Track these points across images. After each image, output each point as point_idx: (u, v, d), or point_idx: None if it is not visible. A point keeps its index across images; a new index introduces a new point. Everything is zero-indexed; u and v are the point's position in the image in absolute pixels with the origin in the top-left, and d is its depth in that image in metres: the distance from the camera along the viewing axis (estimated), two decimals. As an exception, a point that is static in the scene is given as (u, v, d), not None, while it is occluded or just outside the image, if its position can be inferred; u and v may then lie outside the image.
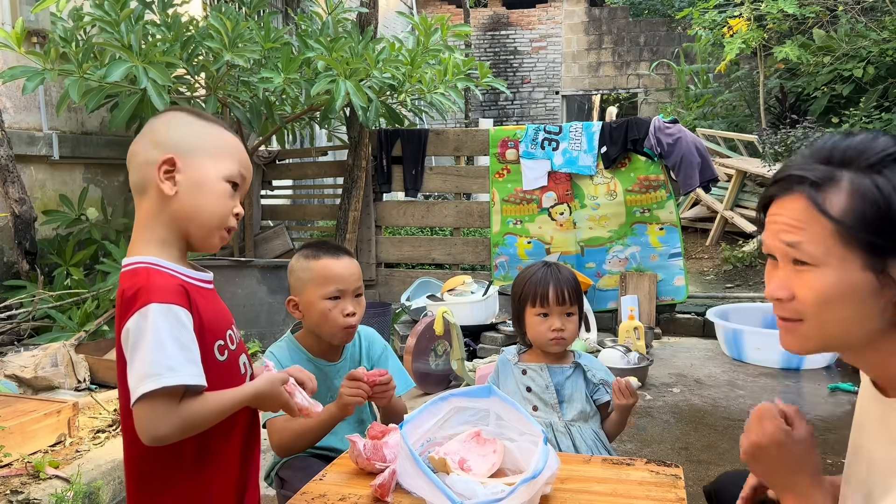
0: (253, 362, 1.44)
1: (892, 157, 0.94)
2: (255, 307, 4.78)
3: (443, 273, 5.77)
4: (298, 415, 1.30)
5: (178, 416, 1.12)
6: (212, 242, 1.27)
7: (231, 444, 1.27)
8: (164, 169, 1.20)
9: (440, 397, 1.50)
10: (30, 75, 4.03)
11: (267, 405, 1.29)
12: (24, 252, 4.39)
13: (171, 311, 1.13)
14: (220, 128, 1.28)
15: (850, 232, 0.94)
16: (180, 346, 1.13)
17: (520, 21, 13.90)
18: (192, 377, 1.13)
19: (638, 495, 1.37)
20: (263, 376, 1.28)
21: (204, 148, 1.24)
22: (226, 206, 1.25)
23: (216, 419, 1.18)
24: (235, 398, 1.21)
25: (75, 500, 2.52)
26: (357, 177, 5.79)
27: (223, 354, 1.25)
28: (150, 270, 1.18)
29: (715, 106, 9.82)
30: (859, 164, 0.95)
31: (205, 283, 1.28)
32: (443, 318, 3.76)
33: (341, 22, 5.35)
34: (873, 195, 0.93)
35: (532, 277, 1.88)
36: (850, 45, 7.54)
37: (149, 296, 1.13)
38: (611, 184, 5.33)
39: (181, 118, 1.26)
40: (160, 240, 1.22)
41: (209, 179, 1.23)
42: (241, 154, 1.29)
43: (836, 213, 0.94)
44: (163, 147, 1.22)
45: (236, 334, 1.33)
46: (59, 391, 3.55)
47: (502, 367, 1.97)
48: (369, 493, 1.38)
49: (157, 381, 1.10)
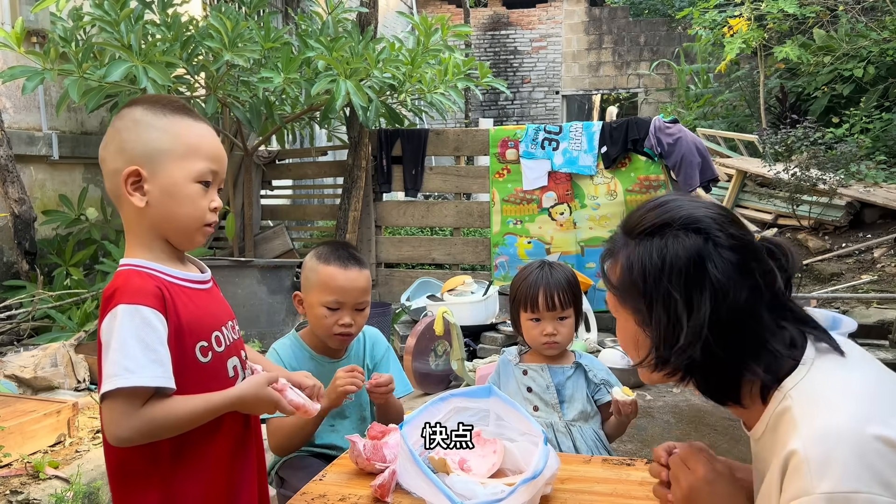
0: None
1: (647, 230, 1.04)
2: (255, 307, 4.77)
3: (443, 273, 5.77)
4: (294, 413, 1.27)
5: (138, 418, 1.10)
6: (193, 242, 1.25)
7: (217, 445, 1.24)
8: (130, 181, 1.18)
9: (440, 398, 1.50)
10: (29, 75, 4.03)
11: (256, 409, 1.26)
12: (23, 252, 4.38)
13: (137, 311, 1.12)
14: (186, 119, 1.22)
15: (617, 295, 1.09)
16: (143, 346, 1.11)
17: (520, 21, 13.90)
18: (152, 378, 1.11)
19: (638, 495, 1.37)
20: (247, 380, 1.24)
21: (169, 150, 1.19)
22: (199, 207, 1.21)
23: (189, 424, 1.15)
24: (213, 403, 1.17)
25: (75, 500, 2.51)
26: (357, 177, 5.79)
27: (206, 356, 1.22)
28: (129, 272, 1.18)
29: (715, 106, 9.82)
30: (633, 234, 1.07)
31: (196, 283, 1.26)
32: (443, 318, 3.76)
33: (341, 22, 5.35)
34: (627, 264, 1.06)
35: (524, 281, 1.87)
36: (851, 44, 7.54)
37: (120, 297, 1.13)
38: (611, 184, 5.32)
39: (143, 117, 1.20)
40: (144, 244, 1.21)
41: (178, 185, 1.19)
42: (209, 147, 1.23)
43: (613, 278, 1.09)
44: (127, 154, 1.18)
45: (228, 336, 1.29)
46: (59, 391, 3.55)
47: (503, 367, 1.97)
48: (369, 494, 1.38)
49: (113, 382, 1.09)
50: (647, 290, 1.02)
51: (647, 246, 1.03)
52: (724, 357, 0.99)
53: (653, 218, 1.05)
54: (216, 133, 1.29)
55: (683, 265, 1.00)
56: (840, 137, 6.97)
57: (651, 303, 1.02)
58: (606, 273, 1.11)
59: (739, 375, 1.02)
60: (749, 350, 1.00)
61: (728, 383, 1.03)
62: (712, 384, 1.05)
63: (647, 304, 1.03)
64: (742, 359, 1.00)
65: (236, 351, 1.31)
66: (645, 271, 1.02)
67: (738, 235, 1.02)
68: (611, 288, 1.10)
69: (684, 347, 0.99)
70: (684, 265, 1.00)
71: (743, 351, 1.00)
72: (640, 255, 1.04)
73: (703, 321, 0.98)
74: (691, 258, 1.00)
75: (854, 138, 6.93)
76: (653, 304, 1.02)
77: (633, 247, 1.05)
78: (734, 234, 1.02)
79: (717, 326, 0.98)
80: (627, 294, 1.06)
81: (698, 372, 1.03)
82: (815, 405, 0.95)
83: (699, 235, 1.01)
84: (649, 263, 1.02)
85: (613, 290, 1.09)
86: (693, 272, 0.99)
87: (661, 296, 1.01)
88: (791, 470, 0.92)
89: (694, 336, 0.98)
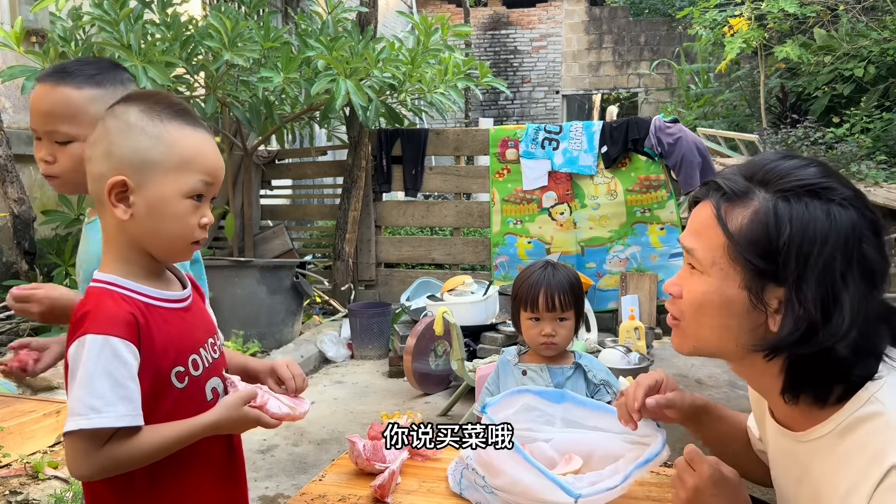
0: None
1: (807, 187, 0.93)
2: (254, 307, 4.77)
3: (443, 273, 5.76)
4: (278, 426, 1.17)
5: (101, 457, 1.03)
6: (177, 259, 1.17)
7: (196, 474, 1.16)
8: (115, 192, 1.07)
9: (517, 389, 1.46)
10: (29, 75, 4.02)
11: (235, 430, 1.17)
12: (23, 252, 4.38)
13: (107, 343, 1.03)
14: (184, 127, 1.11)
15: (737, 248, 0.95)
16: (112, 382, 1.03)
17: (520, 20, 13.89)
18: (117, 419, 1.03)
19: (638, 495, 1.37)
20: (222, 402, 1.13)
21: (161, 162, 1.08)
22: (188, 225, 1.11)
23: (155, 457, 1.07)
24: (184, 432, 1.08)
25: (74, 500, 2.51)
26: (357, 176, 5.78)
27: (182, 381, 1.12)
28: (102, 293, 1.09)
29: (715, 105, 9.81)
30: (774, 186, 0.95)
31: (174, 302, 1.16)
32: (443, 319, 3.75)
33: (341, 21, 5.35)
34: (769, 220, 0.93)
35: (527, 280, 1.86)
36: (851, 44, 7.53)
37: (91, 324, 1.04)
38: (611, 183, 5.32)
39: (138, 121, 1.09)
40: (122, 257, 1.12)
41: (167, 201, 1.09)
42: (206, 160, 1.12)
43: (733, 227, 0.96)
44: (114, 160, 1.08)
45: (207, 357, 1.18)
46: (59, 391, 3.54)
47: (502, 367, 1.96)
48: (369, 494, 1.37)
49: (76, 422, 1.02)
50: (801, 257, 0.90)
51: (808, 206, 0.92)
52: (859, 350, 0.90)
53: (814, 176, 0.94)
54: (215, 138, 1.21)
55: (847, 239, 0.90)
56: (840, 137, 6.96)
57: (801, 274, 0.90)
58: (723, 217, 0.97)
59: (848, 372, 0.93)
60: (868, 345, 0.93)
61: (831, 379, 0.95)
62: (813, 377, 0.95)
63: (797, 274, 0.90)
64: (860, 354, 0.92)
65: (217, 371, 1.21)
66: (805, 234, 0.90)
67: (879, 220, 0.95)
68: (729, 236, 0.96)
69: (832, 333, 0.89)
70: (848, 239, 0.90)
71: (866, 345, 0.92)
72: (802, 215, 0.91)
73: (860, 307, 0.89)
74: (855, 234, 0.91)
75: (854, 138, 6.92)
76: (804, 275, 0.90)
77: (781, 201, 0.93)
78: (877, 219, 0.95)
79: (864, 316, 0.89)
80: (757, 251, 0.93)
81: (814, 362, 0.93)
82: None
83: (856, 210, 0.92)
84: (814, 227, 0.90)
85: (734, 241, 0.95)
86: (854, 250, 0.90)
87: (820, 268, 0.89)
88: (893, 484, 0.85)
89: (849, 322, 0.88)
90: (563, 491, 1.15)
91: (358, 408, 3.94)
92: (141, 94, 1.15)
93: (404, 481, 1.46)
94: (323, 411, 3.87)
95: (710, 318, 1.00)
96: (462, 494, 1.38)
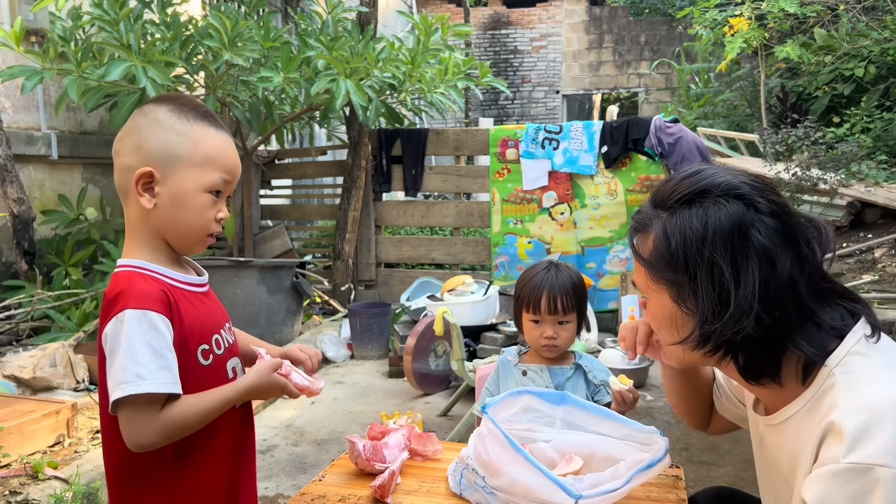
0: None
1: (682, 199, 1.01)
2: (254, 307, 4.76)
3: (443, 273, 5.76)
4: (299, 396, 1.28)
5: (159, 422, 1.10)
6: (193, 249, 1.25)
7: (217, 443, 1.23)
8: (142, 182, 1.17)
9: (518, 390, 1.47)
10: (28, 74, 4.02)
11: (264, 396, 1.27)
12: (22, 252, 4.38)
13: (146, 317, 1.11)
14: (208, 128, 1.21)
15: (651, 270, 1.05)
16: (153, 352, 1.10)
17: (520, 20, 13.89)
18: (162, 385, 1.10)
19: (638, 496, 1.36)
20: (253, 369, 1.24)
21: (186, 157, 1.18)
22: (206, 217, 1.21)
23: (204, 421, 1.16)
24: (225, 397, 1.17)
25: (74, 500, 2.51)
26: (357, 176, 5.78)
27: (207, 359, 1.22)
28: (132, 274, 1.16)
29: (716, 105, 9.81)
30: (665, 206, 1.04)
31: (195, 286, 1.25)
32: (443, 319, 3.75)
33: (341, 21, 5.34)
34: (661, 237, 1.02)
35: (530, 281, 1.85)
36: (852, 44, 7.53)
37: (126, 301, 1.11)
38: (611, 183, 5.31)
39: (167, 119, 1.18)
40: (147, 244, 1.20)
41: (188, 193, 1.19)
42: (226, 159, 1.23)
43: (645, 253, 1.06)
44: (143, 153, 1.17)
45: (227, 339, 1.29)
46: (58, 391, 3.54)
47: (502, 368, 1.96)
48: (369, 494, 1.37)
49: (124, 389, 1.08)
50: (689, 261, 0.98)
51: (685, 215, 1.00)
52: (771, 329, 0.96)
53: (688, 187, 1.01)
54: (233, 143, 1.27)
55: (727, 232, 0.96)
56: (841, 137, 6.96)
57: (694, 274, 0.98)
58: (637, 248, 1.07)
59: (783, 350, 0.99)
60: (795, 322, 0.98)
61: (771, 359, 1.00)
62: (754, 360, 1.01)
63: (690, 276, 0.99)
64: (788, 331, 0.97)
65: (235, 352, 1.31)
66: (686, 240, 0.98)
67: (778, 202, 1.00)
68: (643, 263, 1.06)
69: (735, 318, 0.95)
70: (728, 232, 0.96)
71: (789, 323, 0.97)
72: (679, 225, 1.00)
73: (754, 290, 0.94)
74: (735, 225, 0.96)
75: (855, 138, 6.92)
76: (696, 274, 0.98)
77: (668, 218, 1.02)
78: (775, 201, 0.99)
79: (765, 297, 0.94)
80: (663, 268, 1.02)
81: (742, 347, 0.99)
82: (858, 379, 0.94)
83: (740, 202, 0.98)
84: (690, 232, 0.98)
85: (646, 266, 1.05)
86: (737, 239, 0.96)
87: (706, 265, 0.97)
88: (827, 440, 0.91)
89: (745, 306, 0.95)
90: (563, 491, 1.15)
91: (358, 408, 3.94)
92: (169, 96, 1.26)
93: (404, 481, 1.45)
94: (323, 411, 3.87)
95: (667, 334, 1.09)
96: (462, 495, 1.38)
